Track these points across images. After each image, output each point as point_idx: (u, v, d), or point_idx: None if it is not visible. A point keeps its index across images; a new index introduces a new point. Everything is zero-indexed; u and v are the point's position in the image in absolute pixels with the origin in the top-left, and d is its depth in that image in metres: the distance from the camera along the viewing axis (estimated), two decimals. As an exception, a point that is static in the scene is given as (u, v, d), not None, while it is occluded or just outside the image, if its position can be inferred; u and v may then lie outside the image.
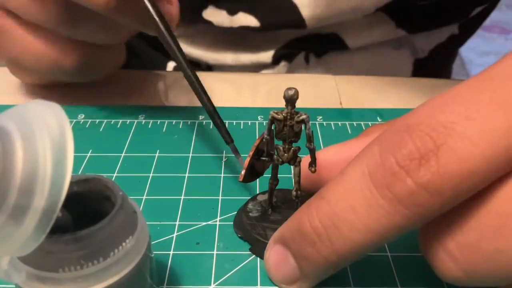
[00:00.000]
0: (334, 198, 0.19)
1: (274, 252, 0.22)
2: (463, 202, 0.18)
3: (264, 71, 0.47)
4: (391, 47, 0.49)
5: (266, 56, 0.46)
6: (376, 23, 0.45)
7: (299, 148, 0.23)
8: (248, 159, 0.24)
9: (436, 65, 0.54)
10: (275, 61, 0.46)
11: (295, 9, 0.42)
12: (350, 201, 0.18)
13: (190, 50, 0.48)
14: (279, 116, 0.22)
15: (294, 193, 0.24)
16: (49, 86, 0.38)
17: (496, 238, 0.17)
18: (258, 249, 0.24)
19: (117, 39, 0.34)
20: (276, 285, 0.22)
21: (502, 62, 0.18)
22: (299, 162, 0.24)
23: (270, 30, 0.45)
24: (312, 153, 0.23)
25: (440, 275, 0.19)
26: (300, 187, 0.24)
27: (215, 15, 0.44)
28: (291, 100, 0.22)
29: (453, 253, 0.18)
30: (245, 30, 0.44)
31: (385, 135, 0.19)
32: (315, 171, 0.23)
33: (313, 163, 0.23)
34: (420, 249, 0.20)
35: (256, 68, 0.47)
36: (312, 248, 0.20)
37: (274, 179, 0.25)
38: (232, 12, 0.44)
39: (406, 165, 0.17)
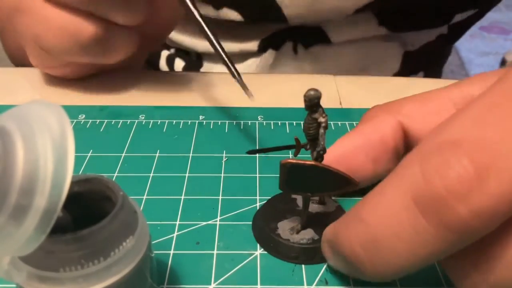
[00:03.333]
0: (374, 221, 0.18)
1: (326, 252, 0.22)
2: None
3: (251, 59, 0.49)
4: (380, 40, 0.49)
5: (252, 45, 0.48)
6: (359, 20, 0.46)
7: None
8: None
9: (427, 58, 0.54)
10: (261, 49, 0.48)
11: (277, 8, 0.43)
12: (394, 226, 0.17)
13: (180, 37, 0.50)
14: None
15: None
16: (50, 86, 0.38)
17: None
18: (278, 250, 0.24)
19: (133, 20, 0.34)
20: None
21: None
22: None
23: (254, 23, 0.46)
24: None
25: None
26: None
27: (201, 8, 0.45)
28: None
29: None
30: (230, 22, 0.45)
31: (427, 152, 0.17)
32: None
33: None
34: (451, 278, 0.19)
35: (244, 56, 0.49)
36: (357, 271, 0.19)
37: None
38: (216, 6, 0.45)
39: (455, 190, 0.16)
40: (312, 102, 0.22)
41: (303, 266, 0.24)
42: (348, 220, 0.20)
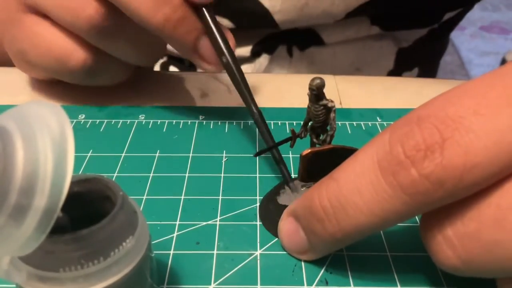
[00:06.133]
0: (344, 179, 0.20)
1: (287, 223, 0.23)
2: None
3: (245, 65, 0.48)
4: (373, 38, 0.49)
5: (245, 50, 0.47)
6: (351, 22, 0.46)
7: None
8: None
9: (421, 54, 0.54)
10: (255, 54, 0.47)
11: (267, 14, 0.43)
12: (358, 184, 0.19)
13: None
14: None
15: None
16: (50, 86, 0.38)
17: (495, 230, 0.17)
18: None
19: (150, 63, 0.34)
20: (291, 255, 0.24)
21: None
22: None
23: (245, 30, 0.46)
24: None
25: (437, 262, 0.20)
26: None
27: None
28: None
29: (452, 241, 0.18)
30: None
31: (397, 124, 0.19)
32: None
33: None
34: (420, 235, 0.20)
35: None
36: (320, 224, 0.21)
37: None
38: None
39: (412, 155, 0.18)
40: (320, 90, 0.23)
41: (303, 266, 0.24)
42: (322, 181, 0.21)
